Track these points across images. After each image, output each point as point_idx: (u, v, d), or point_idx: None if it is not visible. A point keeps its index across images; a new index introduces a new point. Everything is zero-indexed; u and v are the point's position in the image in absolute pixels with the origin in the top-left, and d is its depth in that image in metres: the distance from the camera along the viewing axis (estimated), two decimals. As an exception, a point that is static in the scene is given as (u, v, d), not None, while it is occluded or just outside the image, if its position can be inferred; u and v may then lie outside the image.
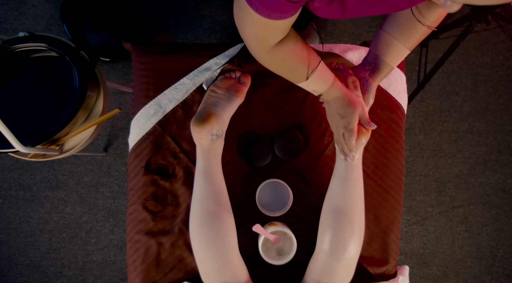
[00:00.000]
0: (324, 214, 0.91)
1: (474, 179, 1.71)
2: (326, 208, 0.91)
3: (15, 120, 1.03)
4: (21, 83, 1.07)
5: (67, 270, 1.66)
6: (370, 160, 0.99)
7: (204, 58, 1.00)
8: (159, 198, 0.97)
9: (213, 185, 0.91)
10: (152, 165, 0.98)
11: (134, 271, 0.95)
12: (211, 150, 0.92)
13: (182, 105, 0.99)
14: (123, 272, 1.66)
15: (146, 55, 1.00)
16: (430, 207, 1.70)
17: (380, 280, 0.96)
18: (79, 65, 1.01)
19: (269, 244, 0.93)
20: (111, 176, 1.64)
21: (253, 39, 0.66)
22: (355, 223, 0.88)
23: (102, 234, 1.65)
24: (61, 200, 1.64)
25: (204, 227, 0.87)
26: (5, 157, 1.63)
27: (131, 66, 1.32)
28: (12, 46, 1.02)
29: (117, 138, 1.65)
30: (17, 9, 1.63)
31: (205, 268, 0.88)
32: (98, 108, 1.13)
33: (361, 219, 0.90)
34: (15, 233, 1.65)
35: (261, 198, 0.96)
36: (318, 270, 0.88)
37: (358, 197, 0.90)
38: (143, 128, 0.98)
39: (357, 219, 0.89)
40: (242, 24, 0.63)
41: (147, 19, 1.64)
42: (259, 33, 0.63)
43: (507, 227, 1.71)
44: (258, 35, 0.64)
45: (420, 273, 1.71)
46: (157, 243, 0.95)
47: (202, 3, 1.65)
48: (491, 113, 1.72)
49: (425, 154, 1.70)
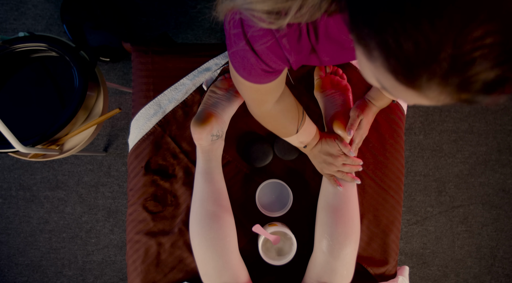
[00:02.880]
0: (319, 212, 0.92)
1: (474, 179, 1.70)
2: (320, 206, 0.92)
3: (15, 120, 1.03)
4: (21, 83, 1.07)
5: (67, 270, 1.66)
6: (370, 160, 0.99)
7: (204, 58, 1.00)
8: (159, 199, 0.97)
9: (213, 186, 0.91)
10: (152, 166, 0.98)
11: (134, 272, 0.95)
12: (211, 151, 0.92)
13: (182, 105, 0.99)
14: (123, 272, 1.66)
15: (146, 55, 1.00)
16: (430, 207, 1.70)
17: (380, 280, 0.96)
18: (79, 65, 1.01)
19: (269, 245, 0.93)
20: (111, 176, 1.64)
21: (252, 101, 0.70)
22: (349, 218, 0.88)
23: (102, 234, 1.65)
24: (61, 200, 1.64)
25: (204, 228, 0.87)
26: (5, 157, 1.63)
27: (131, 66, 1.32)
28: (12, 46, 1.02)
29: (117, 138, 1.65)
30: (17, 9, 1.63)
31: (205, 268, 0.88)
32: (98, 108, 1.13)
33: (356, 214, 0.90)
34: (15, 233, 1.65)
35: (261, 198, 0.96)
36: (317, 270, 0.88)
37: (351, 193, 0.91)
38: (143, 128, 0.98)
39: (351, 214, 0.89)
40: (239, 89, 0.67)
41: (147, 19, 1.64)
42: (255, 96, 0.67)
43: (507, 227, 1.71)
44: (255, 98, 0.68)
45: (420, 273, 1.71)
46: (157, 244, 0.95)
47: (202, 3, 1.64)
48: (491, 113, 1.72)
49: (425, 154, 1.70)
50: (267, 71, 0.56)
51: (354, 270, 0.90)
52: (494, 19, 0.29)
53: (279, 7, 0.43)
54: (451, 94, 0.33)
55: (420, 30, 0.30)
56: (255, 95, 0.66)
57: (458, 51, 0.29)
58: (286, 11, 0.43)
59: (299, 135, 0.83)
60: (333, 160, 0.89)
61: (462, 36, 0.29)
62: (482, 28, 0.29)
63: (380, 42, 0.32)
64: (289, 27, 0.49)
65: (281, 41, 0.50)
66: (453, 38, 0.29)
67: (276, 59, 0.53)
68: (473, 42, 0.29)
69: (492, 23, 0.28)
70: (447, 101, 0.34)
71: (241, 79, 0.60)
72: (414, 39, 0.30)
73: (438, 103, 0.35)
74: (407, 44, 0.31)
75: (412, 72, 0.32)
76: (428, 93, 0.33)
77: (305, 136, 0.85)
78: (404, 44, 0.31)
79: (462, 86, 0.31)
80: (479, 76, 0.30)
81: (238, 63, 0.56)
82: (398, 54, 0.32)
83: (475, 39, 0.29)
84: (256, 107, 0.72)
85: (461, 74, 0.31)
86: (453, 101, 0.34)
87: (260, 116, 0.77)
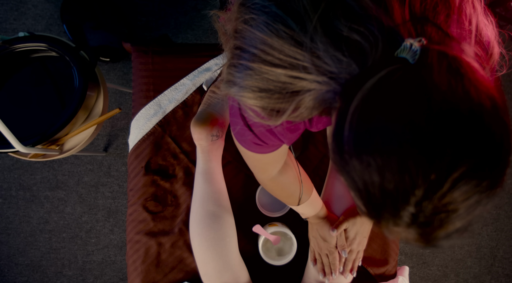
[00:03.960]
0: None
1: (474, 179, 1.71)
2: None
3: (15, 120, 1.03)
4: (21, 83, 1.07)
5: (67, 270, 1.66)
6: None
7: (204, 58, 1.00)
8: (159, 199, 0.97)
9: (213, 186, 0.91)
10: (152, 166, 0.98)
11: (134, 272, 0.95)
12: (211, 151, 0.92)
13: (182, 105, 0.99)
14: (123, 272, 1.66)
15: (146, 55, 1.00)
16: (430, 207, 1.70)
17: (380, 281, 0.96)
18: (79, 65, 1.01)
19: (269, 245, 0.93)
20: (111, 176, 1.64)
21: (255, 168, 0.71)
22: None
23: (102, 234, 1.65)
24: (61, 200, 1.64)
25: (204, 228, 0.87)
26: (5, 157, 1.63)
27: (131, 66, 1.32)
28: (12, 46, 1.02)
29: (117, 138, 1.65)
30: (17, 9, 1.63)
31: (205, 268, 0.88)
32: (98, 108, 1.13)
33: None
34: (15, 233, 1.65)
35: (261, 198, 0.96)
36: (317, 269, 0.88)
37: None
38: (143, 128, 0.98)
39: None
40: (243, 156, 0.67)
41: (147, 19, 1.64)
42: (257, 164, 0.68)
43: (507, 227, 1.71)
44: (257, 166, 0.69)
45: (420, 273, 1.71)
46: (157, 244, 0.95)
47: (202, 3, 1.64)
48: (491, 113, 1.72)
49: (425, 154, 1.70)
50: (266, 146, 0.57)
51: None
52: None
53: (272, 107, 0.42)
54: (413, 239, 0.35)
55: (377, 180, 0.31)
56: (257, 163, 0.67)
57: (420, 210, 0.31)
58: (280, 111, 0.42)
59: (301, 208, 0.82)
60: (325, 250, 0.87)
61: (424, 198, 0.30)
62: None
63: (348, 182, 0.34)
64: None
65: (275, 129, 0.51)
66: (416, 200, 0.31)
67: (273, 138, 0.54)
68: (435, 203, 0.31)
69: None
70: (409, 241, 0.36)
71: (243, 149, 0.60)
72: (379, 186, 0.31)
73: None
74: (373, 189, 0.32)
75: (379, 216, 0.34)
76: (391, 232, 0.35)
77: (307, 209, 0.83)
78: (370, 188, 0.32)
79: (423, 236, 0.34)
80: (440, 231, 0.33)
81: (239, 137, 0.57)
82: (365, 197, 0.33)
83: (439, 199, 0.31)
84: (259, 173, 0.72)
85: (423, 228, 0.33)
86: (415, 243, 0.36)
87: (263, 182, 0.76)
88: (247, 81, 0.41)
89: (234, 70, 0.43)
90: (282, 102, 0.41)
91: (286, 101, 0.40)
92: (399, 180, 0.30)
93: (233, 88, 0.43)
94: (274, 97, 0.41)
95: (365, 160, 0.31)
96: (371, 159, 0.31)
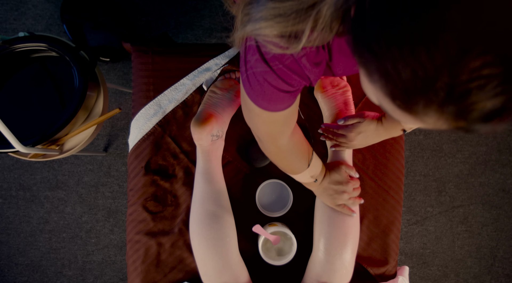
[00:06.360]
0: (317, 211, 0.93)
1: (474, 179, 1.71)
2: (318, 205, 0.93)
3: (15, 120, 1.03)
4: (21, 83, 1.07)
5: (67, 270, 1.66)
6: (370, 160, 0.99)
7: (204, 58, 1.00)
8: (159, 199, 0.97)
9: (213, 186, 0.91)
10: (152, 166, 0.98)
11: (134, 272, 0.95)
12: (211, 151, 0.92)
13: (182, 105, 0.99)
14: (123, 272, 1.66)
15: (146, 55, 1.00)
16: (430, 207, 1.70)
17: (380, 281, 0.96)
18: (79, 65, 1.01)
19: (269, 245, 0.93)
20: (111, 176, 1.64)
21: (268, 137, 0.68)
22: (348, 217, 0.89)
23: (102, 234, 1.65)
24: (61, 200, 1.64)
25: (204, 228, 0.87)
26: (5, 157, 1.63)
27: (131, 66, 1.32)
28: (12, 46, 1.02)
29: (117, 138, 1.65)
30: (17, 9, 1.63)
31: (205, 268, 0.88)
32: (98, 108, 1.13)
33: (356, 220, 0.90)
34: (15, 233, 1.65)
35: (261, 198, 0.96)
36: (317, 269, 0.89)
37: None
38: (143, 128, 0.98)
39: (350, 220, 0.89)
40: (254, 124, 0.66)
41: (147, 19, 1.64)
42: (272, 129, 0.65)
43: (507, 227, 1.71)
44: (272, 131, 0.66)
45: (420, 273, 1.71)
46: (157, 244, 0.95)
47: (202, 3, 1.64)
48: (491, 113, 1.72)
49: (425, 154, 1.70)
50: (287, 91, 0.55)
51: (353, 269, 0.90)
52: (491, 52, 0.29)
53: (290, 31, 0.43)
54: (448, 121, 0.33)
55: (417, 58, 0.30)
56: (272, 127, 0.65)
57: (455, 81, 0.30)
58: (299, 34, 0.43)
59: (310, 169, 0.81)
60: (345, 187, 0.88)
61: (458, 67, 0.29)
62: (479, 60, 0.29)
63: (379, 67, 0.33)
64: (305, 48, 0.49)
65: (300, 61, 0.50)
66: (449, 68, 0.29)
67: (296, 77, 0.52)
68: (470, 72, 0.29)
69: (489, 55, 0.29)
70: (444, 127, 0.34)
71: (258, 111, 0.58)
72: (412, 67, 0.30)
73: (435, 128, 0.35)
74: (405, 71, 0.31)
75: (409, 99, 0.32)
76: (425, 119, 0.34)
77: (314, 170, 0.83)
78: (402, 71, 0.31)
79: (459, 114, 0.32)
80: (477, 106, 0.30)
81: (256, 92, 0.55)
82: (396, 80, 0.32)
83: (472, 70, 0.29)
84: (273, 142, 0.70)
85: (458, 103, 0.31)
86: (450, 128, 0.34)
87: (274, 152, 0.74)
88: (262, 12, 0.43)
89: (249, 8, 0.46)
90: (299, 23, 0.42)
91: (302, 19, 0.42)
92: (434, 49, 0.29)
93: (249, 24, 0.45)
94: (291, 18, 0.42)
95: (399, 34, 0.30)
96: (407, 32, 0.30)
